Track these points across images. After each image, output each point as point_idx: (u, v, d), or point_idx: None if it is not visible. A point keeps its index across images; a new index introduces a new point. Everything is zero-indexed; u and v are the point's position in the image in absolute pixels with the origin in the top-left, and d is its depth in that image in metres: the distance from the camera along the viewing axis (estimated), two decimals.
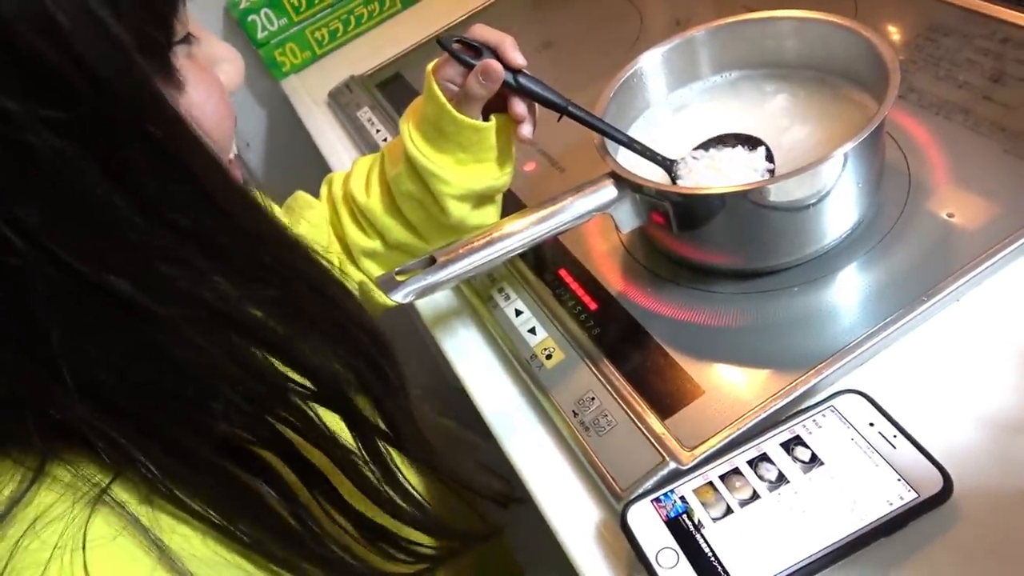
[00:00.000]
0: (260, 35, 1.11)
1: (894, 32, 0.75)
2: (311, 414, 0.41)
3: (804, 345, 0.53)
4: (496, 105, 0.57)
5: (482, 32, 0.56)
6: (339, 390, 0.42)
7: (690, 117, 0.66)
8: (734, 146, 0.59)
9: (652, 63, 0.65)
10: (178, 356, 0.35)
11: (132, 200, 0.32)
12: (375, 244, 0.65)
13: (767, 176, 0.57)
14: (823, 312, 0.55)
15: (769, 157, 0.58)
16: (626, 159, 0.61)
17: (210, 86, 0.40)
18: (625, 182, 0.56)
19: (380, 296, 0.58)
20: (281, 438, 0.40)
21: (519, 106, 0.57)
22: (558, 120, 0.57)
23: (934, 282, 0.53)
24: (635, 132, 0.66)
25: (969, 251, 0.54)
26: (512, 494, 0.53)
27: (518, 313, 0.64)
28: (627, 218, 0.58)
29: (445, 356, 0.66)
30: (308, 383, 0.41)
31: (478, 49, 0.55)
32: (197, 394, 0.36)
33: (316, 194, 0.69)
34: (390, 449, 0.46)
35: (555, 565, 0.51)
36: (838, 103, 0.61)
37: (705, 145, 0.61)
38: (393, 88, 1.00)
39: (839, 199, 0.54)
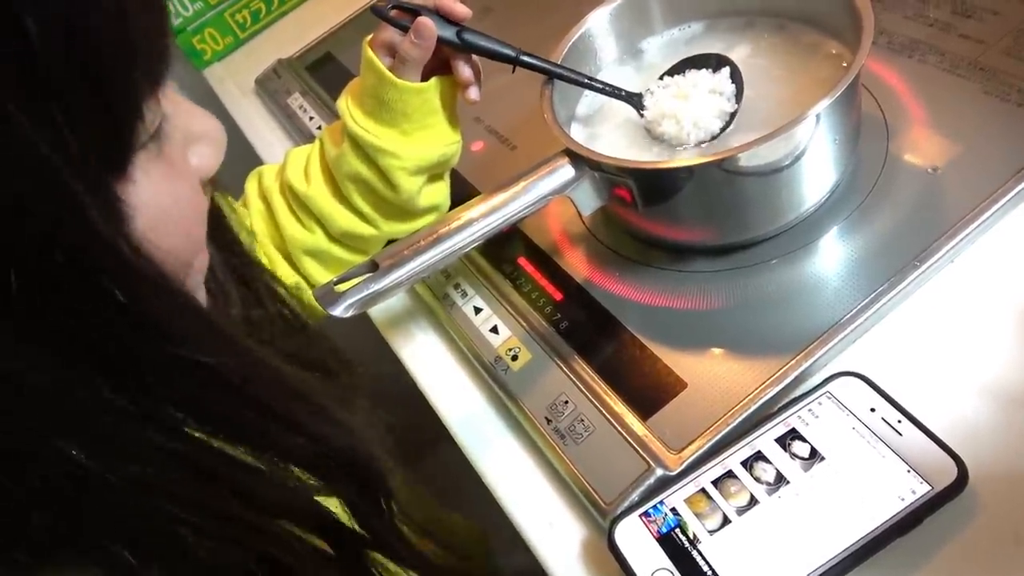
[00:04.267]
0: (175, 22, 1.02)
1: None
2: (297, 545, 0.35)
3: (791, 325, 0.49)
4: (441, 72, 0.54)
5: None
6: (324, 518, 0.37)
7: (648, 79, 0.60)
8: (700, 68, 0.55)
9: (600, 23, 0.60)
10: (147, 514, 0.30)
11: (94, 376, 0.27)
12: (316, 238, 0.60)
13: (733, 99, 0.53)
14: (808, 286, 0.50)
15: (735, 76, 0.54)
16: (580, 134, 0.55)
17: (177, 194, 0.30)
18: (582, 160, 0.51)
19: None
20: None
21: (464, 69, 0.54)
22: (512, 71, 0.53)
23: (925, 244, 0.48)
24: (588, 101, 0.61)
25: (959, 207, 0.49)
26: None
27: (477, 311, 0.58)
28: (588, 199, 0.53)
29: (402, 363, 0.61)
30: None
31: (416, 12, 0.52)
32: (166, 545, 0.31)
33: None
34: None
35: None
36: (803, 52, 0.56)
37: (671, 71, 0.57)
38: (324, 70, 0.93)
39: (815, 159, 0.49)
